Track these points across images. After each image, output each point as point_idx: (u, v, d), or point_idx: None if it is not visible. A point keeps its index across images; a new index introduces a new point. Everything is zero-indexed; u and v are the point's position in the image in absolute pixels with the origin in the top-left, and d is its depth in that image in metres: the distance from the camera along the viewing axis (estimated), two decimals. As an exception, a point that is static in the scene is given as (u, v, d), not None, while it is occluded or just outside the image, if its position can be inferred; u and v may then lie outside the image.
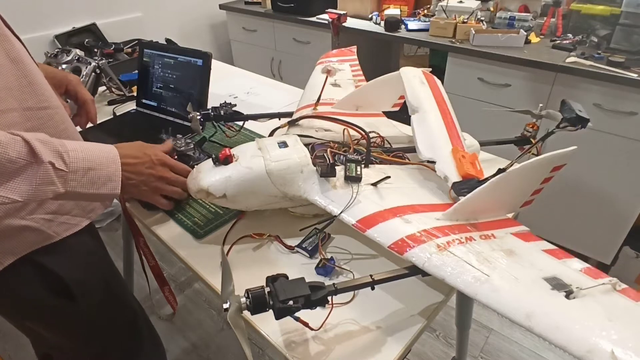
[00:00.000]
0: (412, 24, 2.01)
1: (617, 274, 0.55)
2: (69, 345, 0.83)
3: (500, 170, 0.62)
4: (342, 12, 2.16)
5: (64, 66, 1.18)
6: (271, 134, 0.86)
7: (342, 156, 0.73)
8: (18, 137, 0.54)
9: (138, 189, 0.71)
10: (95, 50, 1.58)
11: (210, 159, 0.71)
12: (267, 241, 0.77)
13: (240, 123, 0.98)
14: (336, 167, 0.69)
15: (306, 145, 0.74)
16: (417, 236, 0.58)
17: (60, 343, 0.83)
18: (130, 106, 1.30)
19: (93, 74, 1.23)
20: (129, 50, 1.83)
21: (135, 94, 1.30)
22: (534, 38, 1.80)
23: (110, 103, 1.33)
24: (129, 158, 0.68)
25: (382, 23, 2.04)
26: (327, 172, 0.68)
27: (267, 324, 0.61)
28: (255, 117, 0.97)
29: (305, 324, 0.57)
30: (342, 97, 0.95)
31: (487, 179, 0.63)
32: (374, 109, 0.96)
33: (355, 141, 0.79)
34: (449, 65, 1.85)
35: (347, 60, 1.20)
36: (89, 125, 0.95)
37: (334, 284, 0.55)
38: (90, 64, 1.22)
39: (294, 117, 0.88)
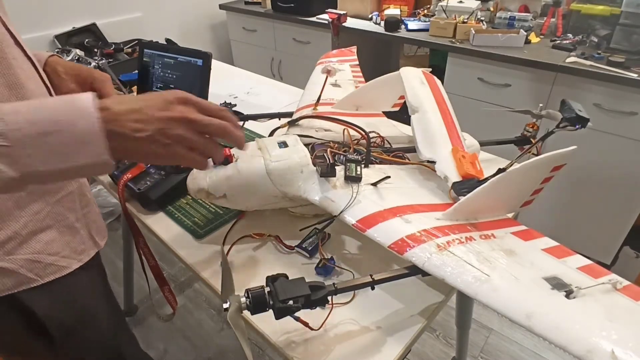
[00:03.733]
0: (412, 24, 2.01)
1: (617, 274, 0.55)
2: None
3: (500, 170, 0.62)
4: (342, 12, 2.16)
5: (64, 66, 1.18)
6: (271, 134, 0.86)
7: (342, 156, 0.73)
8: None
9: (156, 146, 0.46)
10: (96, 50, 1.59)
11: (210, 159, 0.71)
12: (267, 241, 0.77)
13: (240, 123, 0.98)
14: (336, 167, 0.69)
15: (306, 145, 0.74)
16: (417, 236, 0.58)
17: None
18: (130, 106, 1.30)
19: (93, 74, 1.23)
20: (129, 50, 1.83)
21: (135, 94, 1.30)
22: (534, 38, 1.80)
23: (110, 103, 1.33)
24: (125, 104, 0.46)
25: (382, 23, 2.04)
26: (327, 172, 0.68)
27: (267, 324, 0.61)
28: (255, 117, 0.97)
29: (305, 324, 0.57)
30: (342, 97, 0.95)
31: (487, 179, 0.63)
32: (374, 109, 0.96)
33: (355, 141, 0.79)
34: (449, 65, 1.85)
35: (347, 61, 1.20)
36: None
37: (334, 284, 0.55)
38: (90, 64, 1.22)
39: (294, 117, 0.88)
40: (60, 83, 0.71)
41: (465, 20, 1.87)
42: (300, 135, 0.77)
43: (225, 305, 0.52)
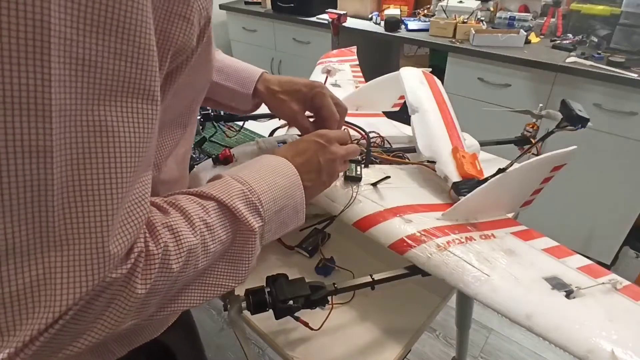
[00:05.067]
0: (412, 24, 2.01)
1: (617, 274, 0.55)
2: None
3: (500, 170, 0.62)
4: (342, 12, 2.15)
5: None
6: (271, 134, 0.86)
7: (342, 156, 0.72)
8: (211, 201, 0.40)
9: (323, 185, 0.55)
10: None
11: (210, 159, 0.71)
12: (267, 241, 0.77)
13: (240, 123, 0.98)
14: (336, 167, 0.68)
15: (306, 145, 0.74)
16: (417, 236, 0.58)
17: None
18: (130, 106, 1.30)
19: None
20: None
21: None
22: (534, 38, 1.80)
23: (110, 103, 1.33)
24: (295, 158, 0.51)
25: (382, 23, 2.04)
26: (327, 172, 0.67)
27: (267, 324, 0.61)
28: (255, 117, 0.97)
29: (305, 324, 0.57)
30: (342, 97, 0.95)
31: (487, 179, 0.63)
32: (374, 109, 0.96)
33: (355, 141, 0.79)
34: (449, 65, 1.85)
35: (347, 61, 1.20)
36: None
37: (334, 283, 0.55)
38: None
39: (294, 117, 0.88)
40: (280, 104, 0.66)
41: (465, 20, 1.87)
42: (300, 135, 0.77)
43: (225, 306, 0.52)
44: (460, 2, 2.00)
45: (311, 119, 0.68)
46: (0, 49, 0.22)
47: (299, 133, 0.80)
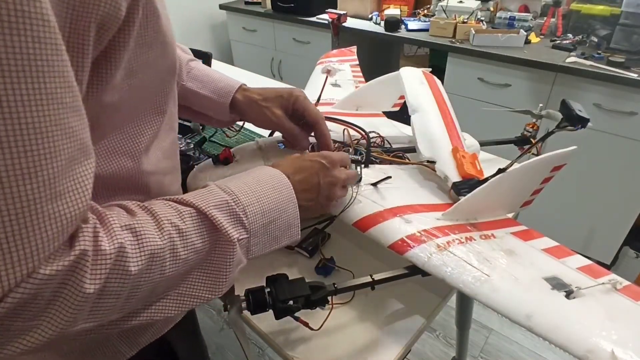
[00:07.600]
0: (412, 24, 2.01)
1: (617, 274, 0.55)
2: None
3: (500, 170, 0.62)
4: (342, 12, 2.16)
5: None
6: (271, 134, 0.86)
7: (342, 156, 0.72)
8: (189, 207, 0.39)
9: (320, 207, 0.55)
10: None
11: (210, 159, 0.71)
12: (267, 241, 0.77)
13: (240, 123, 0.98)
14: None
15: (306, 145, 0.74)
16: (417, 236, 0.58)
17: None
18: (130, 106, 1.30)
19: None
20: (129, 50, 1.83)
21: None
22: (534, 38, 1.80)
23: (110, 103, 1.33)
24: (295, 175, 0.51)
25: (382, 23, 2.04)
26: (327, 172, 0.67)
27: (267, 324, 0.61)
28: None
29: (305, 324, 0.57)
30: (342, 97, 0.95)
31: (487, 179, 0.63)
32: (374, 109, 0.96)
33: (355, 141, 0.79)
34: (449, 65, 1.85)
35: (347, 60, 1.20)
36: None
37: (334, 284, 0.55)
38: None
39: (294, 117, 0.88)
40: (263, 111, 0.66)
41: (465, 20, 1.88)
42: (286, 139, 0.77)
43: (225, 306, 0.52)
44: (460, 2, 2.00)
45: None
46: None
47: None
